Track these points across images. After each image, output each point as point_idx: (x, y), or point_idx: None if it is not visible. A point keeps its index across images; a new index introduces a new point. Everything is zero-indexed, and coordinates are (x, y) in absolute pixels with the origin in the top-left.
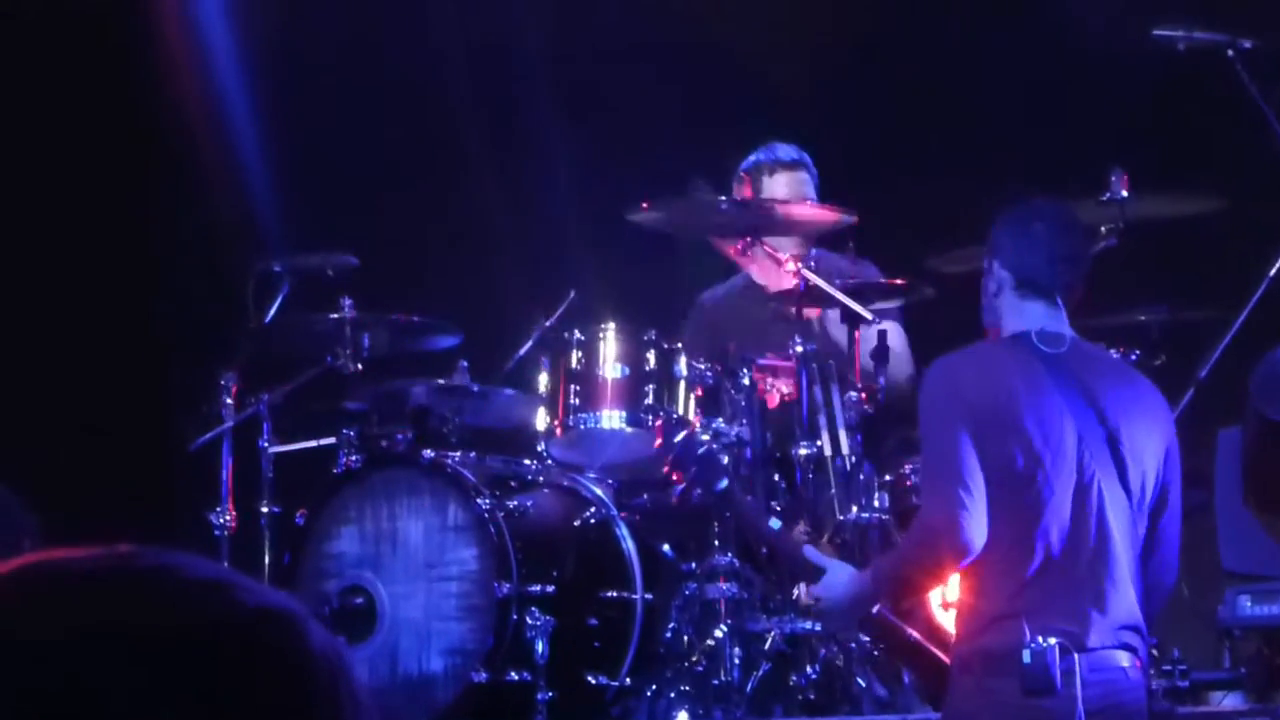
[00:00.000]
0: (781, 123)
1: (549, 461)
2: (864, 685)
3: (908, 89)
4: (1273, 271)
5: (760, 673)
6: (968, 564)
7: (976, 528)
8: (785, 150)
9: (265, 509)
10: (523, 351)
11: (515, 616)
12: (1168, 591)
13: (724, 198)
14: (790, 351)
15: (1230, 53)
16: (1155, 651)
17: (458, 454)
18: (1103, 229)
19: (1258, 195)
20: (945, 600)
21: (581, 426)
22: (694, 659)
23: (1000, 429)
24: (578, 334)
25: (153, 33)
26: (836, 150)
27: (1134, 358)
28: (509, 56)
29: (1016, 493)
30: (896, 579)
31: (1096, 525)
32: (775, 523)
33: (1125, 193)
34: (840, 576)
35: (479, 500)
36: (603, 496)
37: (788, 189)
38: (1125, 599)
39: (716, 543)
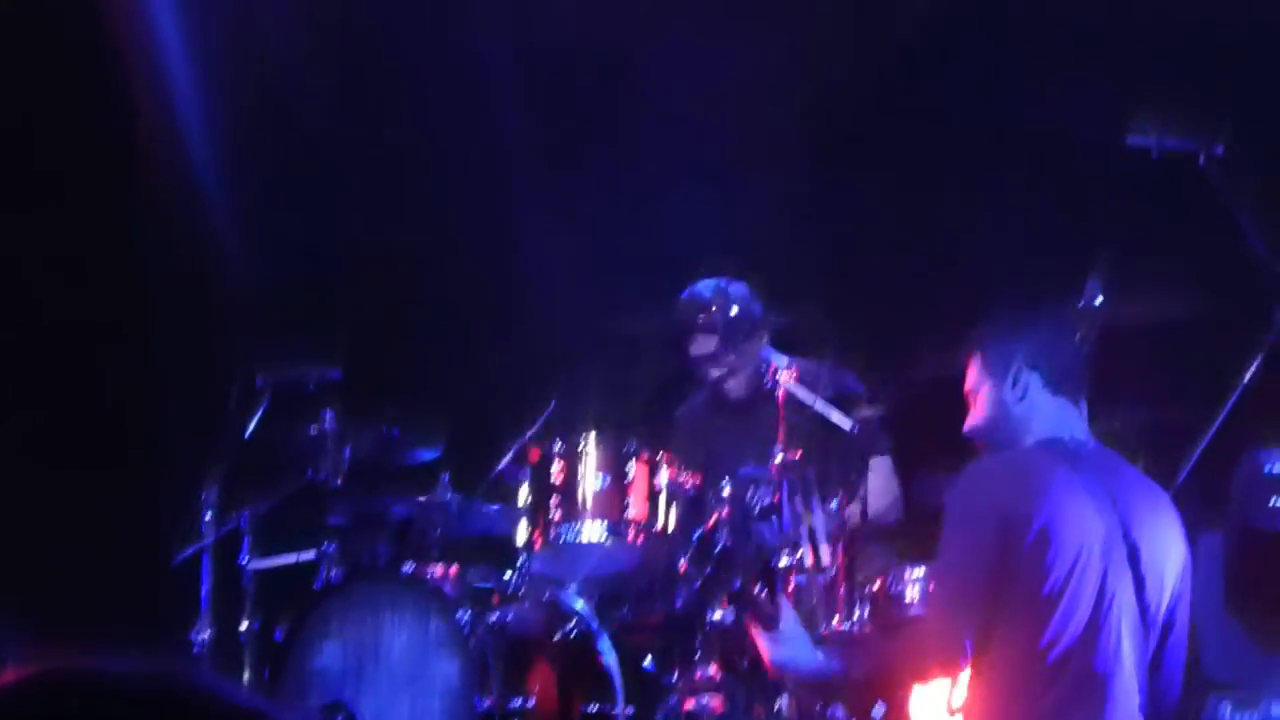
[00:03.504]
0: (759, 232)
1: (530, 574)
2: None
3: (883, 196)
4: (1247, 376)
5: None
6: (959, 673)
7: (969, 645)
8: (699, 296)
9: (245, 625)
10: (504, 463)
11: None
12: (1175, 705)
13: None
14: (770, 461)
15: (1202, 159)
16: None
17: (439, 567)
18: (1079, 334)
19: (1233, 299)
20: (951, 707)
21: (563, 539)
22: None
23: (1033, 547)
24: (559, 445)
25: (136, 133)
26: (813, 258)
27: None
28: (492, 168)
29: (1043, 610)
30: (878, 665)
31: (1114, 642)
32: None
33: (1101, 297)
34: (801, 652)
35: (459, 614)
36: (584, 609)
37: (700, 348)
38: (1129, 713)
39: (699, 655)
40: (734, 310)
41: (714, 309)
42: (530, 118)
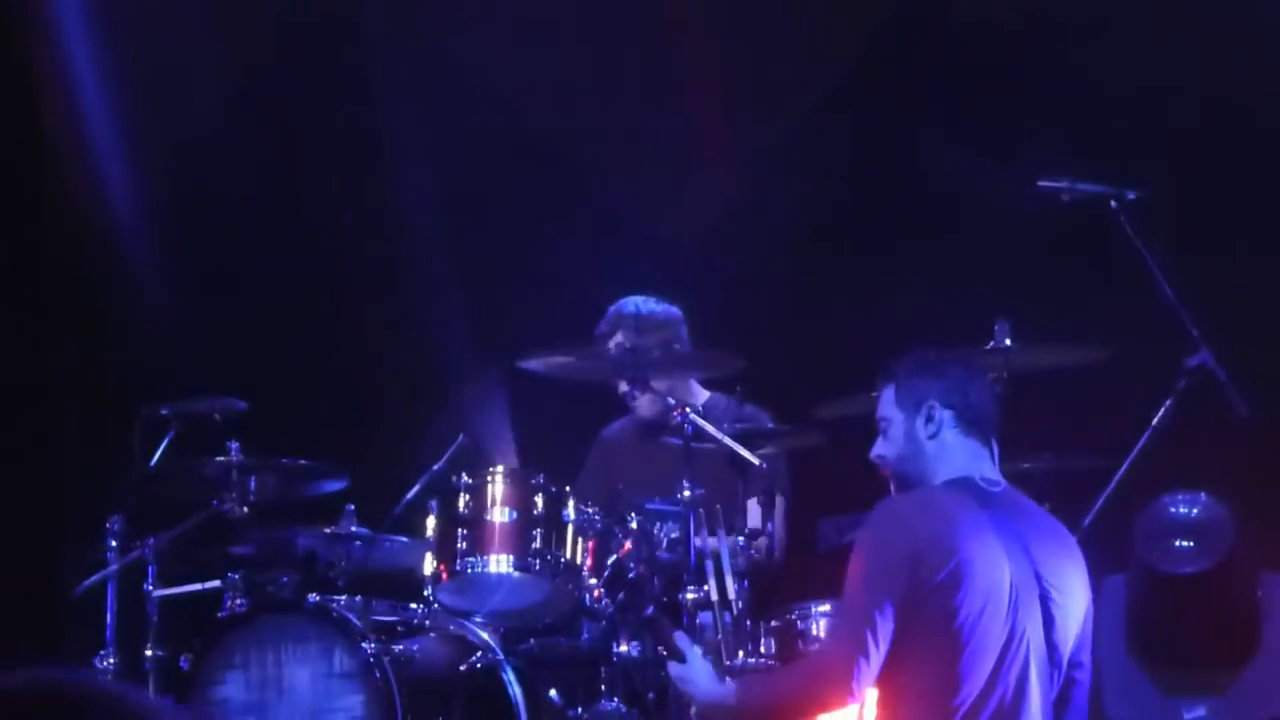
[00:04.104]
0: (669, 272)
1: (436, 606)
2: None
3: (794, 240)
4: (1155, 421)
5: None
6: (853, 709)
7: (869, 676)
8: (630, 305)
9: (150, 653)
10: (411, 495)
11: None
12: None
13: (613, 344)
14: (678, 495)
15: (1113, 204)
16: None
17: (344, 599)
18: (991, 376)
19: (1141, 345)
20: None
21: (469, 571)
22: None
23: (943, 584)
24: (466, 478)
25: (50, 170)
26: (724, 299)
27: None
28: (399, 202)
29: (949, 645)
30: (769, 703)
31: (1017, 680)
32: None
33: (1009, 341)
34: (700, 675)
35: (365, 645)
36: (490, 641)
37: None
38: None
39: (604, 688)
40: (659, 331)
41: (634, 325)
42: (436, 163)
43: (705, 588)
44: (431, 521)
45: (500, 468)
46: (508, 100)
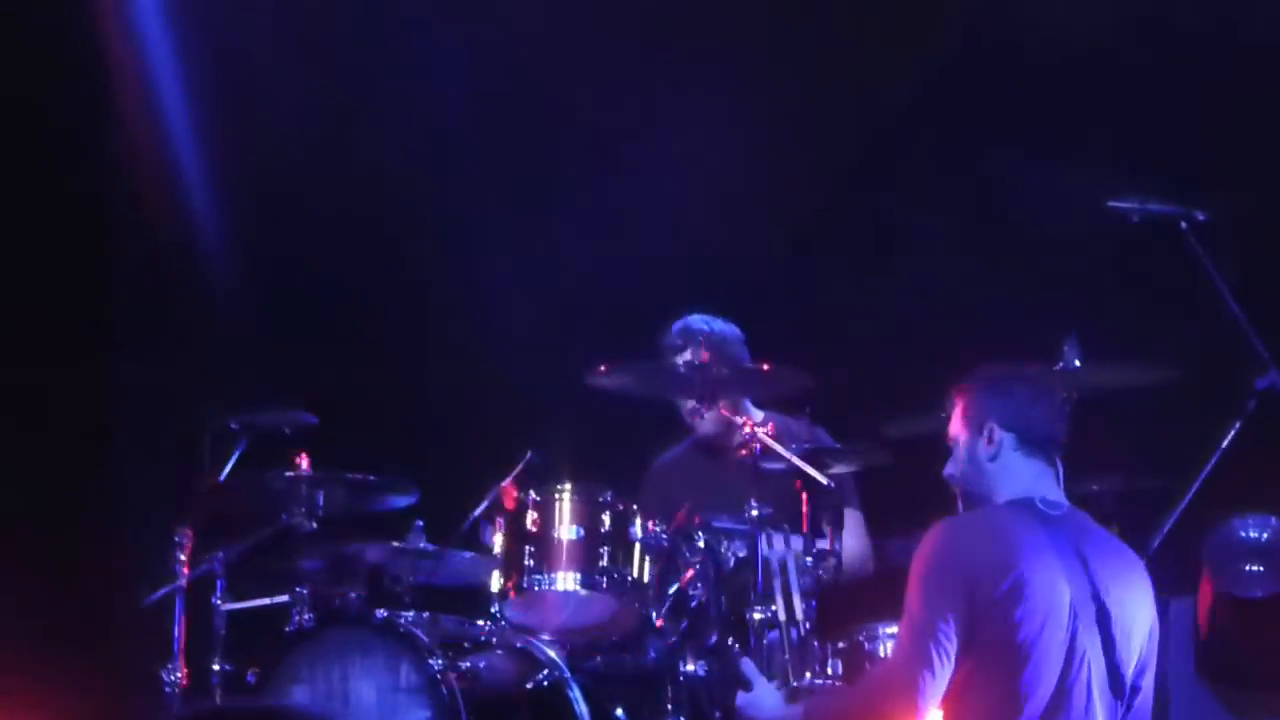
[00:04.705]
0: (736, 289)
1: (503, 623)
2: None
3: (863, 257)
4: (1225, 443)
5: None
6: None
7: (934, 691)
8: (698, 322)
9: (217, 666)
10: (478, 512)
11: None
12: None
13: (682, 360)
14: (745, 514)
15: (1184, 225)
16: None
17: (411, 614)
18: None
19: (1210, 366)
20: None
21: (536, 588)
22: None
23: (1001, 600)
24: (533, 495)
25: (123, 182)
26: (791, 319)
27: None
28: (469, 220)
29: (1009, 664)
30: (837, 709)
31: (1085, 703)
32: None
33: (1079, 362)
34: (766, 701)
35: (432, 661)
36: (556, 659)
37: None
38: None
39: (670, 706)
40: (725, 349)
41: (702, 342)
42: (503, 173)
43: (772, 607)
44: (499, 538)
45: (568, 485)
46: (579, 112)
